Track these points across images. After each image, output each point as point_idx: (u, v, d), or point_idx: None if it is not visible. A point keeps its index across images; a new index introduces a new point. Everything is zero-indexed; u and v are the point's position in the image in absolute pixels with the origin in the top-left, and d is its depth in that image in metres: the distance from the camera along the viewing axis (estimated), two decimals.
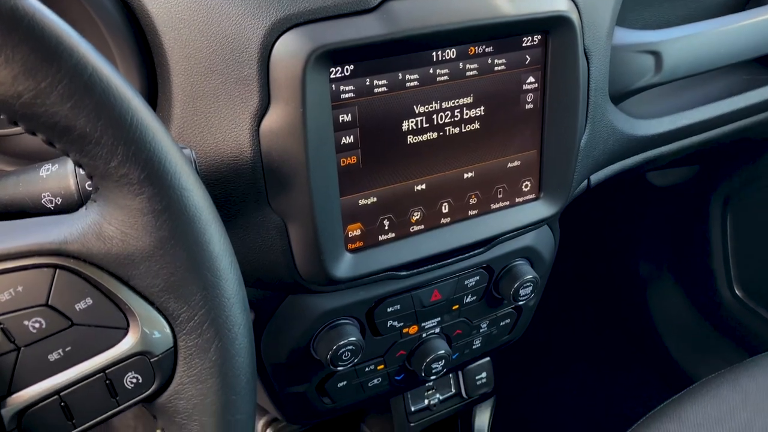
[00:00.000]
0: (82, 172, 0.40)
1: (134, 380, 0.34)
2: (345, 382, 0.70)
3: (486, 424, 0.94)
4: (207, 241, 0.33)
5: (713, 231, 1.35)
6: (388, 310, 0.66)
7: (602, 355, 1.44)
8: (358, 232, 0.57)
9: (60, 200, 0.40)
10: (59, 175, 0.40)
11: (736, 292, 1.32)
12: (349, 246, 0.57)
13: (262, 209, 0.53)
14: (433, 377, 0.72)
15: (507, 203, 0.64)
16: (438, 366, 0.72)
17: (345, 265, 0.57)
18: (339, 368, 0.64)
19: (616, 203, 1.43)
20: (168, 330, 0.34)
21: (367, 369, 0.70)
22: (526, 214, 0.65)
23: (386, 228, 0.59)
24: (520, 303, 0.73)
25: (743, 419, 0.82)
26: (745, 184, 1.27)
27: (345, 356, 0.63)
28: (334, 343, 0.62)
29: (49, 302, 0.31)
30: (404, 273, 0.62)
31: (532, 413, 1.33)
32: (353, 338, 0.63)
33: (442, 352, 0.71)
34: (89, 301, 0.32)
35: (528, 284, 0.71)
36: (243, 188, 0.52)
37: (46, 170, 0.40)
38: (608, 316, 1.49)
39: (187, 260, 0.32)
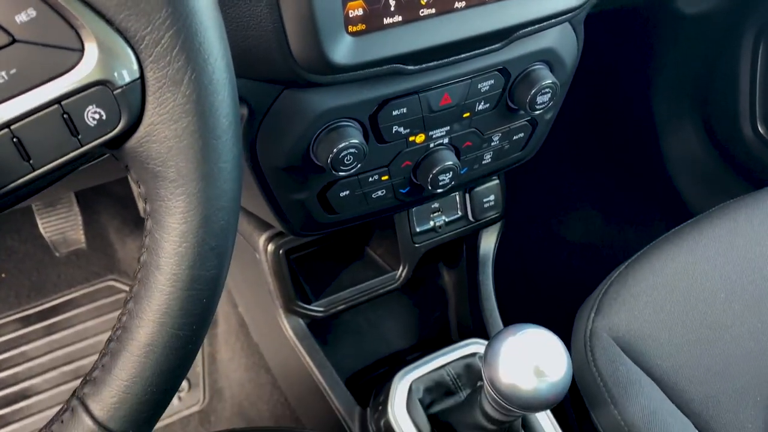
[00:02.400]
0: None
1: (96, 115, 0.29)
2: (347, 192, 0.66)
3: (491, 249, 0.93)
4: None
5: (742, 65, 1.26)
6: (394, 113, 0.61)
7: (611, 192, 1.42)
8: (359, 12, 0.51)
9: None
10: None
11: (759, 129, 1.26)
12: (350, 28, 0.51)
13: None
14: (439, 191, 0.69)
15: None
16: (445, 179, 0.68)
17: (345, 50, 0.51)
18: (341, 173, 0.60)
19: (638, 34, 1.33)
20: (132, 56, 0.29)
21: (370, 179, 0.66)
22: (551, 1, 0.57)
23: (392, 9, 0.52)
24: (537, 113, 0.67)
25: (760, 241, 0.79)
26: None
27: (347, 160, 0.59)
28: (334, 146, 0.58)
29: None
30: (411, 67, 0.56)
31: (538, 245, 1.33)
32: (355, 140, 0.58)
33: (450, 163, 0.67)
34: (32, 12, 0.26)
35: (546, 90, 0.65)
36: None
37: None
38: (619, 153, 1.44)
39: None
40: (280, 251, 0.78)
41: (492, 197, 0.87)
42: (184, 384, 1.16)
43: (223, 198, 0.32)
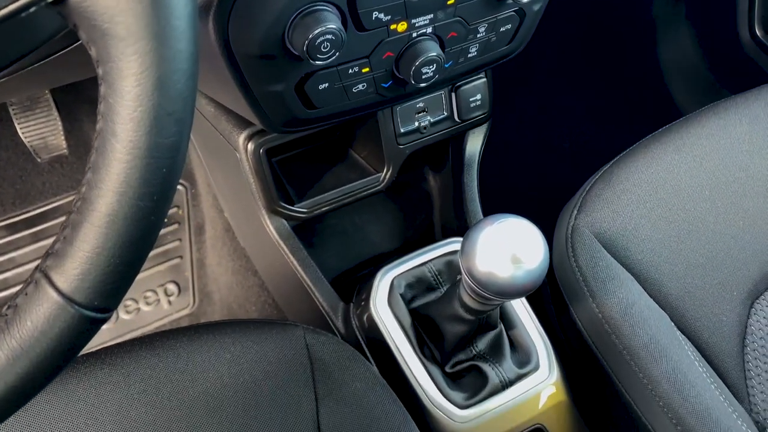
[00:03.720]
0: None
1: None
2: (326, 85, 0.64)
3: (477, 151, 0.91)
4: None
5: None
6: None
7: (603, 98, 1.39)
8: None
9: None
10: None
11: (757, 32, 1.22)
12: None
13: None
14: (423, 85, 0.67)
15: None
16: (429, 72, 0.66)
17: None
18: (318, 62, 0.58)
19: None
20: None
21: (350, 71, 0.64)
22: None
23: None
24: (525, 1, 0.64)
25: (747, 139, 0.79)
26: None
27: (324, 47, 0.56)
28: (310, 31, 0.55)
29: None
30: None
31: (526, 149, 1.32)
32: (332, 26, 0.56)
33: (434, 54, 0.64)
34: None
35: None
36: None
37: None
38: (613, 57, 1.41)
39: None
40: (261, 150, 0.76)
41: (479, 96, 0.85)
42: (174, 289, 1.18)
43: (178, 59, 0.31)
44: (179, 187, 1.25)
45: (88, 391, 0.57)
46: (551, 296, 0.78)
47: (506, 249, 0.52)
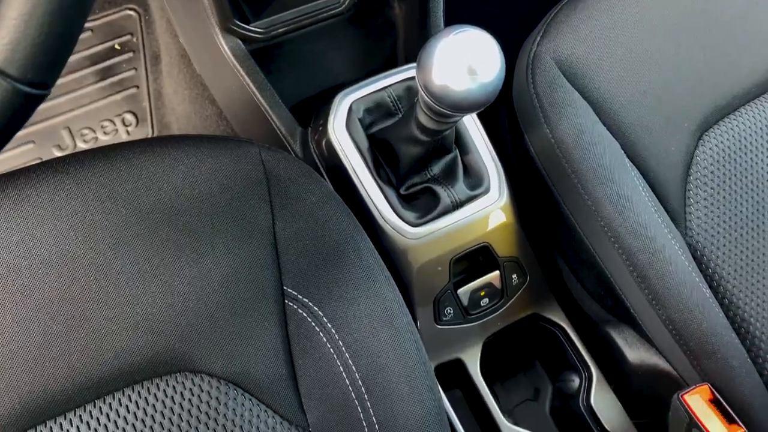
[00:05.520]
0: None
1: None
2: None
3: None
4: None
5: None
6: None
7: None
8: None
9: None
10: None
11: None
12: None
13: None
14: None
15: None
16: None
17: None
18: None
19: None
20: None
21: None
22: None
23: None
24: None
25: None
26: None
27: None
28: None
29: None
30: None
31: None
32: None
33: None
34: None
35: None
36: None
37: None
38: None
39: None
40: None
41: None
42: (132, 119, 1.15)
43: None
44: (132, 12, 1.18)
45: (42, 197, 0.57)
46: (509, 127, 0.79)
47: (462, 61, 0.51)
